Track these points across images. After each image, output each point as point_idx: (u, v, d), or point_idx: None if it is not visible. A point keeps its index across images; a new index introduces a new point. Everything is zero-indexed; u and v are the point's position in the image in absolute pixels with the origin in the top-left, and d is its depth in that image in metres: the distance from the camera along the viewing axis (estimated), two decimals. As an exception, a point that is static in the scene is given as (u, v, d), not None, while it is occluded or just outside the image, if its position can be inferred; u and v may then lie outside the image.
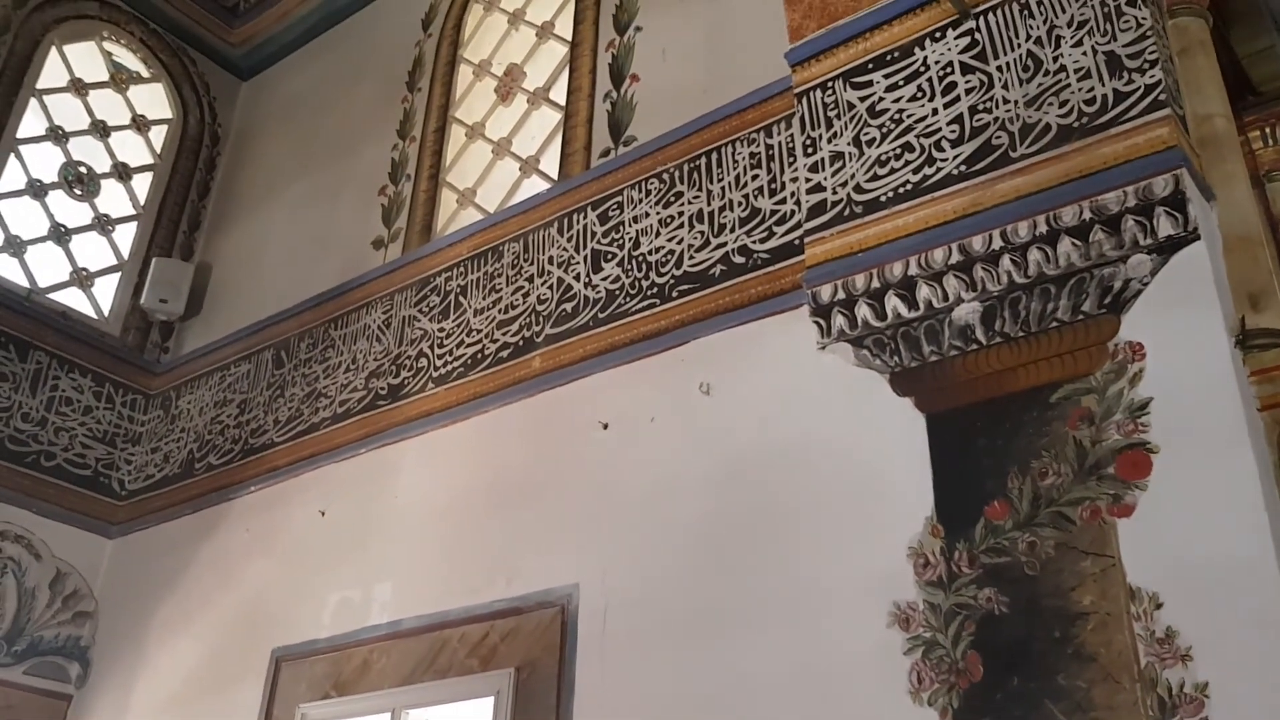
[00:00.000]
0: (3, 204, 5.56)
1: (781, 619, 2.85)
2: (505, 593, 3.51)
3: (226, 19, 6.75)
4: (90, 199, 5.96)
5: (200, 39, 6.67)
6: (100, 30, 6.26)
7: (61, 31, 6.07)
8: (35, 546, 5.07)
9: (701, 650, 2.97)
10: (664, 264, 3.69)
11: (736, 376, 3.29)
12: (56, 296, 5.62)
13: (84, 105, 6.10)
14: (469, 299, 4.38)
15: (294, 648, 4.11)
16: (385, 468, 4.29)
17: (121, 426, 5.56)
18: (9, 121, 5.65)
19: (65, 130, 5.97)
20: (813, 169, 3.25)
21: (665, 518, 3.25)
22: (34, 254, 5.63)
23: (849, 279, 3.00)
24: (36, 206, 5.73)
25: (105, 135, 6.13)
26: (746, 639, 2.89)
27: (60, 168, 5.89)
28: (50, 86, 5.97)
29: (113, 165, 6.11)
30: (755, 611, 2.92)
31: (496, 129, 5.09)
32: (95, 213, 5.96)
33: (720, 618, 2.99)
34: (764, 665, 2.81)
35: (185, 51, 6.61)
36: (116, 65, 6.34)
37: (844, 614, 2.72)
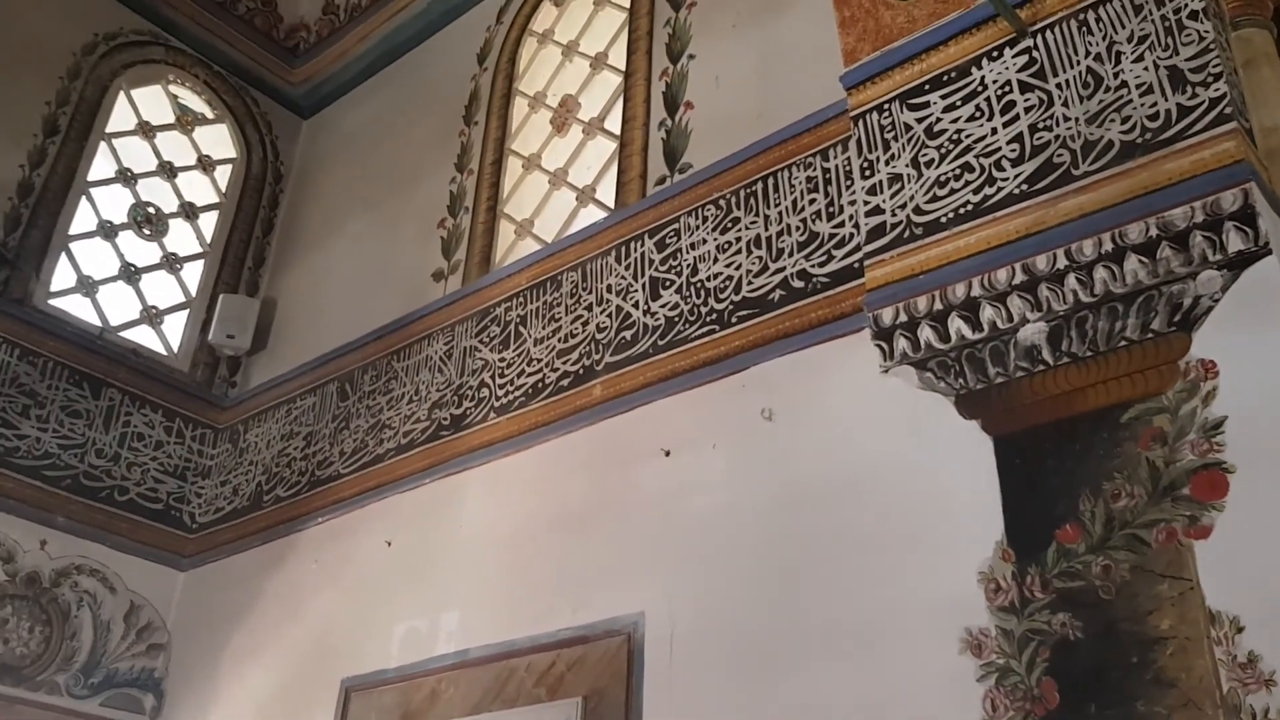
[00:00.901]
0: (75, 245, 5.72)
1: (850, 647, 2.82)
2: (571, 621, 3.52)
3: (287, 59, 6.92)
4: (159, 238, 6.12)
5: (262, 79, 6.84)
6: (166, 74, 6.44)
7: (129, 76, 6.25)
8: (110, 580, 5.19)
9: (769, 679, 2.95)
10: (722, 290, 3.69)
11: (798, 401, 3.28)
12: (128, 334, 5.77)
13: (152, 147, 6.27)
14: (529, 329, 4.42)
15: (363, 678, 4.15)
16: (450, 497, 4.32)
17: (191, 460, 5.68)
18: (80, 165, 5.83)
19: (134, 172, 6.14)
20: (871, 191, 3.24)
21: (729, 545, 3.24)
22: (105, 293, 5.79)
23: (911, 301, 2.98)
24: (107, 247, 5.90)
25: (172, 176, 6.30)
26: (814, 667, 2.87)
27: (130, 208, 6.05)
28: (119, 130, 6.14)
29: (180, 205, 6.28)
30: (822, 639, 2.89)
31: (553, 160, 5.14)
32: (164, 252, 6.12)
33: (787, 646, 2.97)
34: (833, 694, 2.79)
35: (248, 92, 6.77)
36: (182, 107, 6.51)
37: (914, 641, 2.69)
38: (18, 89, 5.66)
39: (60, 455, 5.18)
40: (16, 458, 5.03)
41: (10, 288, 5.28)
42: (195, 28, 6.53)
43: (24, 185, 5.52)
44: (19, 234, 5.42)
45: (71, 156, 5.77)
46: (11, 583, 4.88)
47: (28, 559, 4.96)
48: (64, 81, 5.87)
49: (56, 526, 5.07)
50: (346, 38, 6.70)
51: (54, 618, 4.97)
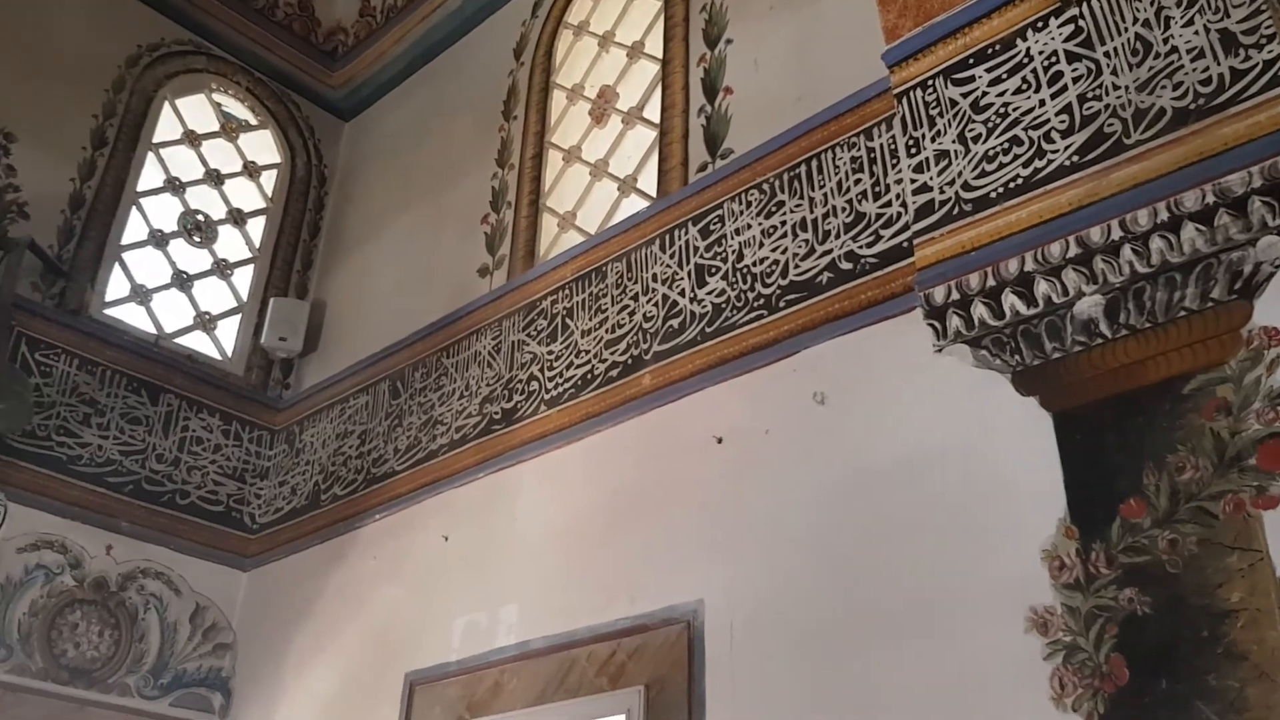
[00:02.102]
0: (128, 255, 5.82)
1: (913, 629, 2.80)
2: (630, 610, 3.53)
3: (326, 63, 6.97)
4: (209, 245, 6.21)
5: (303, 84, 6.90)
6: (209, 83, 6.53)
7: (173, 86, 6.33)
8: (175, 582, 5.29)
9: (833, 663, 2.94)
10: (769, 274, 3.68)
11: (851, 384, 3.26)
12: (182, 340, 5.86)
13: (198, 155, 6.35)
14: (575, 320, 4.43)
15: (426, 671, 4.19)
16: (504, 491, 4.35)
17: (249, 462, 5.77)
18: (129, 176, 5.91)
19: (182, 181, 6.22)
20: (917, 169, 3.20)
21: (786, 530, 3.23)
22: (159, 301, 5.88)
23: (963, 279, 2.94)
24: (159, 255, 5.99)
25: (219, 183, 6.38)
26: (877, 651, 2.86)
27: (179, 217, 6.14)
28: (166, 139, 6.23)
29: (228, 211, 6.36)
30: (885, 622, 2.88)
31: (593, 151, 5.14)
32: (214, 258, 6.21)
33: (849, 630, 2.96)
34: (897, 677, 2.78)
35: (289, 97, 6.84)
36: (226, 115, 6.59)
37: (978, 621, 2.67)
38: (65, 103, 5.76)
39: (122, 461, 5.28)
40: (80, 465, 5.14)
41: (66, 299, 5.38)
42: (235, 35, 6.61)
43: (75, 198, 5.62)
44: (73, 246, 5.52)
45: (120, 168, 5.86)
46: (80, 588, 4.99)
47: (95, 564, 5.06)
48: (110, 94, 5.96)
49: (121, 531, 5.17)
50: (384, 39, 6.74)
51: (122, 621, 5.07)
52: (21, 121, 5.52)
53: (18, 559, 4.85)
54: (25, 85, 5.59)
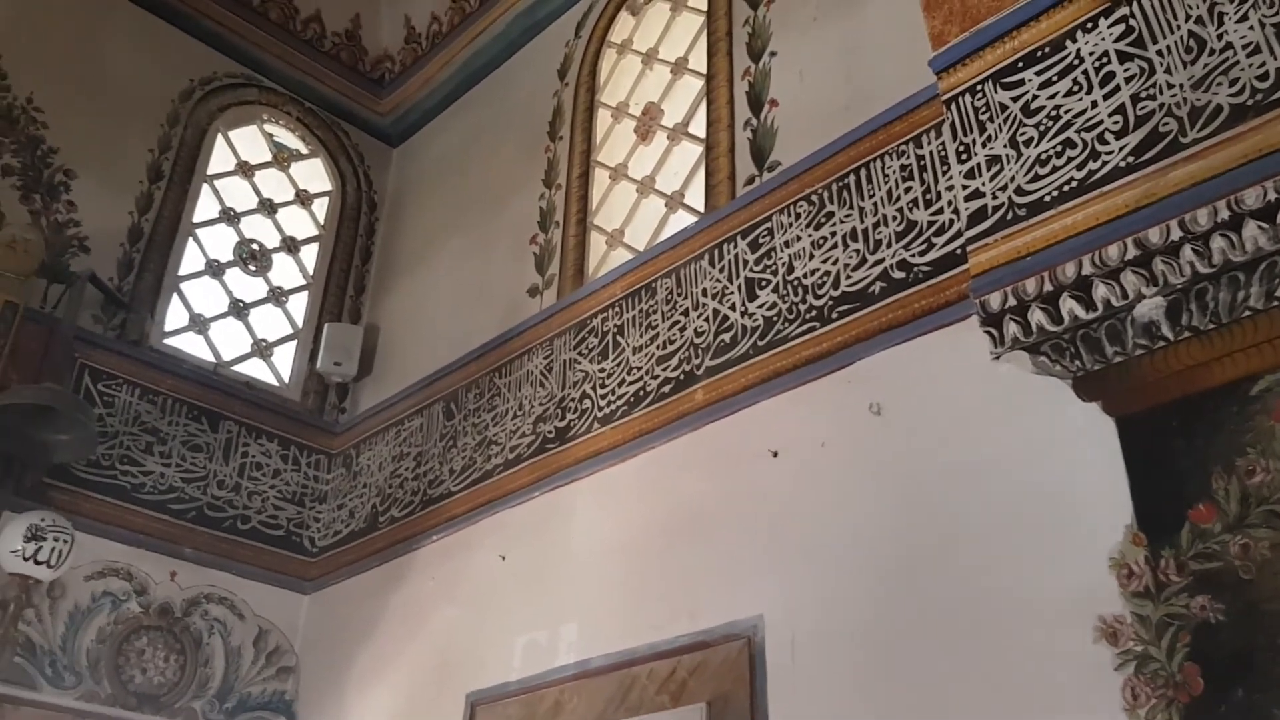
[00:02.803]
0: (186, 285, 5.93)
1: (978, 641, 2.76)
2: (689, 627, 3.51)
3: (374, 91, 7.08)
4: (264, 273, 6.31)
5: (351, 112, 7.01)
6: (260, 114, 6.65)
7: (225, 118, 6.46)
8: (238, 606, 5.36)
9: (897, 676, 2.91)
10: (821, 286, 3.66)
11: (907, 394, 3.23)
12: (240, 368, 5.97)
13: (251, 186, 6.47)
14: (626, 338, 4.44)
15: (487, 691, 4.20)
16: (560, 509, 4.36)
17: (308, 486, 5.84)
18: (185, 208, 6.04)
19: (236, 211, 6.34)
20: (969, 175, 3.16)
21: (846, 543, 3.20)
22: (217, 329, 5.99)
23: (1019, 284, 2.89)
24: (216, 285, 6.10)
25: (273, 212, 6.49)
26: (944, 664, 2.82)
27: (234, 246, 6.26)
28: (220, 171, 6.36)
29: (282, 239, 6.47)
30: (950, 635, 2.84)
31: (639, 168, 5.16)
32: (269, 286, 6.31)
33: (914, 643, 2.92)
34: (964, 689, 2.74)
35: (339, 125, 6.95)
36: (277, 145, 6.71)
37: (1046, 632, 2.62)
38: (122, 139, 5.89)
39: (184, 488, 5.37)
40: (143, 493, 5.23)
41: (127, 330, 5.49)
42: (285, 66, 6.73)
43: (134, 231, 5.74)
44: (132, 278, 5.63)
45: (177, 200, 5.98)
46: (146, 614, 5.07)
47: (159, 590, 5.15)
48: (165, 128, 6.10)
49: (184, 558, 5.25)
50: (429, 65, 6.83)
51: (187, 646, 5.14)
52: (81, 158, 5.66)
53: (85, 587, 4.95)
54: (83, 122, 5.74)
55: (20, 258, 4.97)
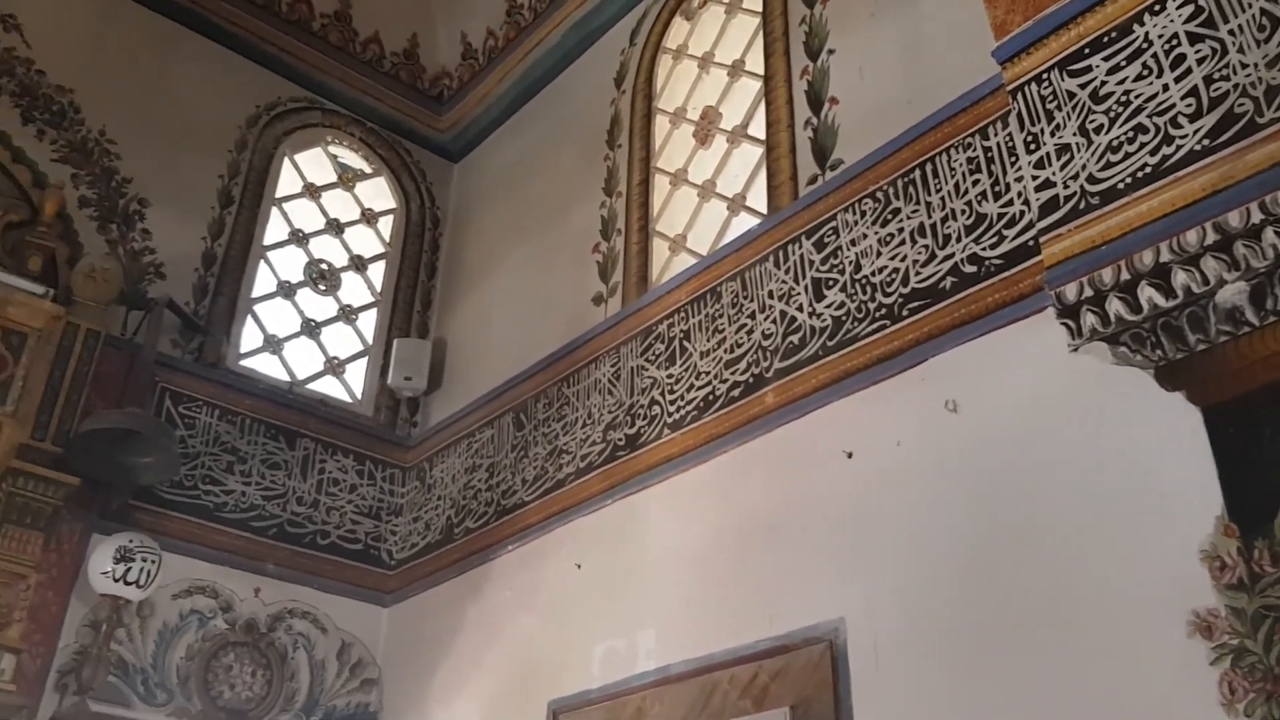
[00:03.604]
0: (259, 307, 6.06)
1: (1067, 639, 2.71)
2: (769, 632, 3.49)
3: (434, 108, 7.17)
4: (333, 292, 6.42)
5: (412, 130, 7.11)
6: (324, 136, 6.77)
7: (291, 142, 6.59)
8: (320, 621, 5.45)
9: (985, 676, 2.87)
10: (889, 283, 3.63)
11: (984, 390, 3.18)
12: (314, 386, 6.08)
13: (318, 207, 6.59)
14: (693, 342, 4.43)
15: (568, 699, 4.22)
16: (633, 516, 4.37)
17: (384, 500, 5.92)
18: (256, 231, 6.17)
19: (304, 232, 6.46)
20: (1039, 165, 3.11)
21: (926, 543, 3.17)
22: (290, 349, 6.11)
23: (1095, 274, 2.84)
24: (288, 305, 6.22)
25: (340, 232, 6.60)
26: (1033, 662, 2.77)
27: (304, 267, 6.37)
28: (287, 194, 6.48)
29: (349, 258, 6.58)
30: (1036, 632, 2.79)
31: (699, 172, 5.15)
32: (339, 304, 6.42)
33: (1001, 642, 2.88)
34: (1056, 689, 2.69)
35: (400, 144, 7.06)
36: (342, 166, 6.83)
37: (1136, 627, 2.57)
38: (193, 167, 6.04)
39: (265, 506, 5.48)
40: (226, 512, 5.35)
41: (205, 353, 5.62)
42: (346, 88, 6.85)
43: (208, 256, 5.88)
44: (207, 301, 5.77)
45: (247, 224, 6.12)
46: (232, 630, 5.18)
47: (244, 607, 5.25)
48: (233, 154, 6.24)
49: (267, 574, 5.36)
50: (487, 79, 6.90)
51: (273, 661, 5.24)
52: (154, 187, 5.81)
53: (173, 605, 5.07)
54: (155, 152, 5.89)
55: (100, 286, 5.11)
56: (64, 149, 5.60)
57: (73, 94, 5.73)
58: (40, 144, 5.52)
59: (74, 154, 5.62)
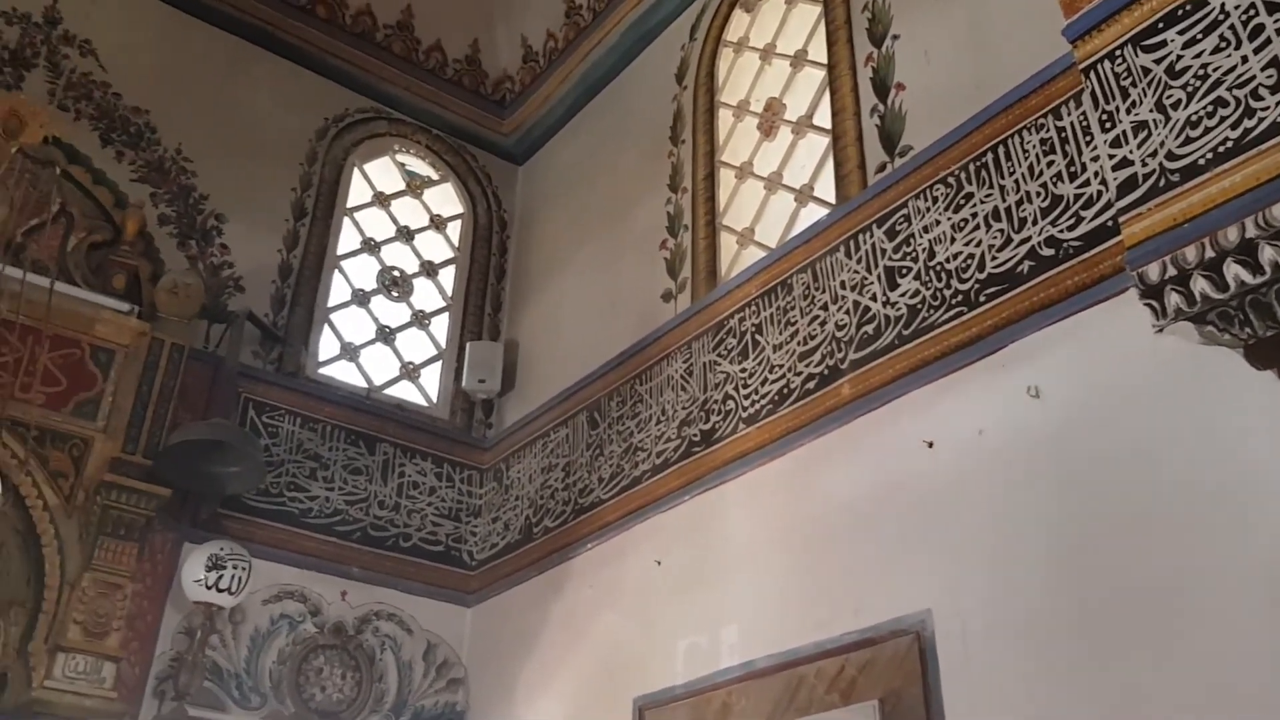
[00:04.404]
0: (335, 316, 6.18)
1: (1165, 627, 2.66)
2: (854, 625, 3.48)
3: (497, 112, 7.24)
4: (406, 298, 6.52)
5: (476, 135, 7.19)
6: (391, 145, 6.88)
7: (359, 152, 6.70)
8: (406, 622, 5.54)
9: (1081, 667, 2.82)
10: (965, 270, 3.58)
11: (1066, 374, 3.13)
12: (391, 391, 6.18)
13: (388, 215, 6.70)
14: (766, 336, 4.42)
15: (653, 695, 4.24)
16: (711, 512, 4.37)
17: (463, 502, 6.00)
18: (329, 241, 6.29)
19: (376, 240, 6.56)
20: (1115, 143, 3.05)
21: (1012, 532, 3.13)
22: (366, 356, 6.22)
23: (1178, 253, 2.77)
24: (363, 313, 6.33)
25: (410, 238, 6.70)
26: (1125, 650, 2.73)
27: (377, 274, 6.48)
28: (358, 203, 6.59)
29: (420, 264, 6.68)
30: (1132, 621, 2.74)
31: (765, 165, 5.14)
32: (412, 310, 6.52)
33: (1092, 631, 2.83)
34: (1155, 678, 2.64)
35: (465, 149, 7.13)
36: (409, 173, 6.93)
37: (1240, 614, 2.51)
38: (267, 181, 6.17)
39: (348, 510, 5.59)
40: (311, 517, 5.46)
41: (285, 362, 5.75)
42: (411, 97, 6.94)
43: (284, 267, 6.01)
44: (285, 312, 5.90)
45: (320, 235, 6.23)
46: (321, 634, 5.29)
47: (332, 610, 5.36)
48: (304, 167, 6.36)
49: (353, 577, 5.47)
50: (548, 82, 6.94)
51: (361, 663, 5.34)
52: (230, 202, 5.95)
53: (264, 610, 5.19)
54: (230, 169, 6.03)
55: (182, 302, 5.25)
56: (142, 169, 5.76)
57: (148, 115, 5.88)
58: (119, 165, 5.69)
59: (152, 173, 5.78)
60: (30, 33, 5.67)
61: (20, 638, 4.53)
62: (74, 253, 5.24)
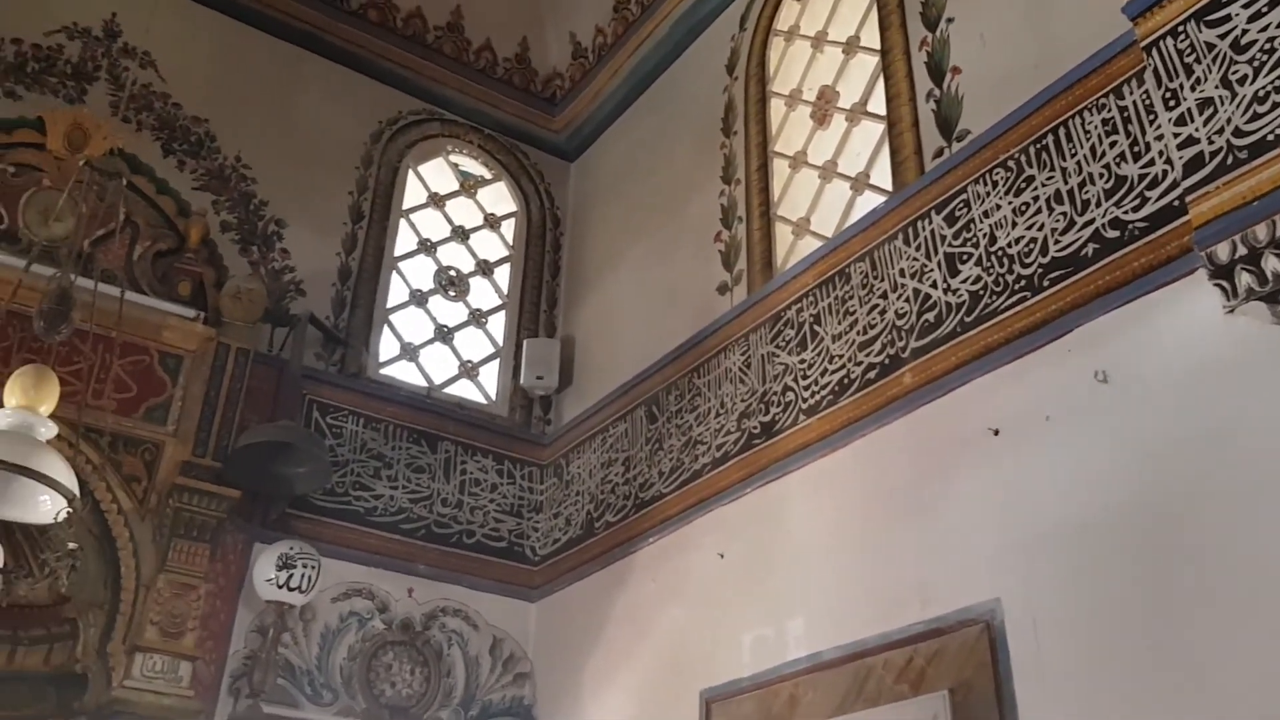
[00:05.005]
0: (395, 316, 6.25)
1: (1235, 612, 2.62)
2: (921, 615, 3.45)
3: (547, 109, 7.27)
4: (463, 297, 6.59)
5: (528, 133, 7.23)
6: (445, 146, 6.94)
7: (413, 154, 6.77)
8: (472, 618, 5.61)
9: (1153, 654, 2.78)
10: (1027, 254, 3.53)
11: (1135, 358, 3.07)
12: (451, 390, 6.25)
13: (443, 215, 6.77)
14: (824, 326, 4.40)
15: (720, 688, 4.24)
16: (773, 504, 4.36)
17: (524, 498, 6.05)
18: (386, 244, 6.36)
19: (432, 241, 6.63)
20: (1179, 121, 3.00)
21: (1082, 518, 3.08)
22: (426, 355, 6.30)
23: (1248, 231, 2.72)
24: (421, 313, 6.41)
25: (465, 238, 6.76)
26: (1199, 637, 2.68)
27: (434, 275, 6.55)
28: (413, 205, 6.66)
29: (476, 263, 6.74)
30: (1202, 607, 2.70)
31: (819, 154, 5.10)
32: (469, 308, 6.59)
33: (1165, 618, 2.79)
34: (1233, 665, 2.59)
35: (517, 148, 7.18)
36: (463, 174, 6.99)
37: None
38: (324, 186, 6.26)
39: (412, 508, 5.66)
40: (377, 516, 5.54)
41: (347, 364, 5.83)
42: (462, 97, 7.00)
43: (343, 270, 6.09)
44: (346, 314, 5.98)
45: (378, 237, 6.31)
46: (390, 630, 5.36)
47: (399, 607, 5.44)
48: (360, 170, 6.44)
49: (419, 574, 5.54)
50: (598, 77, 6.96)
51: (429, 658, 5.41)
52: (289, 207, 6.05)
53: (333, 608, 5.27)
54: (288, 175, 6.13)
55: (246, 307, 5.35)
56: (203, 177, 5.87)
57: (207, 123, 5.99)
58: (181, 174, 5.81)
59: (213, 181, 5.89)
60: (91, 47, 5.80)
61: (99, 639, 4.65)
62: (140, 261, 5.36)
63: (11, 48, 5.55)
